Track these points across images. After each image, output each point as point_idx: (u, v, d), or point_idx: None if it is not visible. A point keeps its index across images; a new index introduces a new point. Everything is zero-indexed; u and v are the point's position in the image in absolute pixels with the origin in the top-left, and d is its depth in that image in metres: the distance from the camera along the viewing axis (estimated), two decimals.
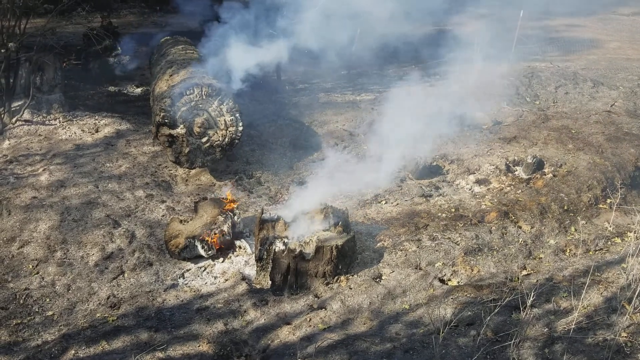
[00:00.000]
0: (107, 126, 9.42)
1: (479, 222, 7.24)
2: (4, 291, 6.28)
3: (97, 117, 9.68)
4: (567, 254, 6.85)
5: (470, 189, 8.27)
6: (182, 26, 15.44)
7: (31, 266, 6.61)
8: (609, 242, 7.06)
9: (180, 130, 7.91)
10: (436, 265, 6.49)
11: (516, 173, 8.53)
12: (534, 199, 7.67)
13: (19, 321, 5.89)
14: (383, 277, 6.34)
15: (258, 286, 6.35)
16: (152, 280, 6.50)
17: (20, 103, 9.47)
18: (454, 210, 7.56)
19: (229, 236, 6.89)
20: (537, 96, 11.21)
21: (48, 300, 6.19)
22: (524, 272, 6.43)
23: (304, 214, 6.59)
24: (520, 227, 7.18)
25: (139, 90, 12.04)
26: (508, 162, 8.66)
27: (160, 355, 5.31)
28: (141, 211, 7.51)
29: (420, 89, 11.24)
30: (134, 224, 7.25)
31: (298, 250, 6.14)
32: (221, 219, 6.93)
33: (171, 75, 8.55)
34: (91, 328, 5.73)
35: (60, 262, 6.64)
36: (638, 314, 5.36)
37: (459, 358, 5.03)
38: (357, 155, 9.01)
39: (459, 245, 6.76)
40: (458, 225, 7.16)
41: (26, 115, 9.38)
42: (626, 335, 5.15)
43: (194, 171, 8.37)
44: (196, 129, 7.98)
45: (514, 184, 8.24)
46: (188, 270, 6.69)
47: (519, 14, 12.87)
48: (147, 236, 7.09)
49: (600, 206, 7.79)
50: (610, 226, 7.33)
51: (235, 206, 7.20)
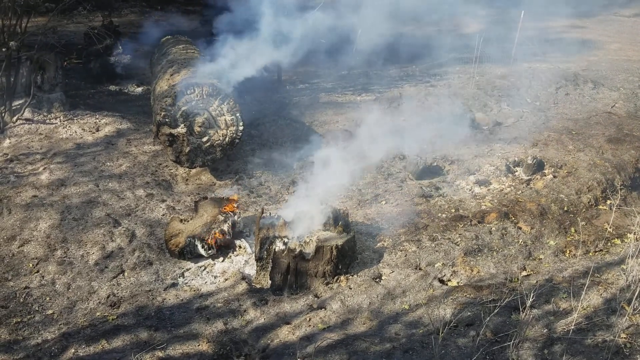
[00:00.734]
0: (108, 125, 9.43)
1: (478, 222, 7.24)
2: (4, 290, 6.28)
3: (97, 116, 9.69)
4: (567, 255, 6.86)
5: (470, 190, 8.27)
6: (182, 25, 15.44)
7: (31, 265, 6.62)
8: (609, 244, 7.07)
9: (181, 129, 7.92)
10: (436, 265, 6.50)
11: (516, 174, 8.54)
12: (534, 200, 7.68)
13: (19, 320, 5.90)
14: (383, 277, 6.35)
15: (258, 286, 6.35)
16: (152, 279, 6.50)
17: (21, 102, 9.48)
18: (454, 210, 7.57)
19: (229, 235, 6.90)
20: (538, 97, 11.21)
21: (48, 298, 6.20)
22: (524, 273, 6.44)
23: (304, 214, 6.60)
24: (520, 228, 7.18)
25: (139, 89, 12.06)
26: (508, 163, 8.67)
27: (160, 354, 5.31)
28: (141, 210, 7.51)
29: (421, 89, 11.26)
30: (134, 223, 7.26)
31: (298, 250, 6.15)
32: (221, 218, 6.94)
33: (172, 75, 8.56)
34: (91, 327, 5.73)
35: (60, 261, 6.65)
36: (637, 315, 5.37)
37: (458, 358, 5.04)
38: (358, 155, 9.01)
39: (458, 245, 6.77)
40: (458, 225, 7.16)
41: (27, 114, 9.39)
42: (625, 336, 5.15)
43: (194, 170, 8.38)
44: (197, 129, 7.99)
45: (514, 184, 8.24)
46: (188, 270, 6.69)
47: (520, 15, 12.88)
48: (147, 235, 7.10)
49: (600, 207, 7.79)
50: (610, 227, 7.33)
51: (236, 206, 7.21)
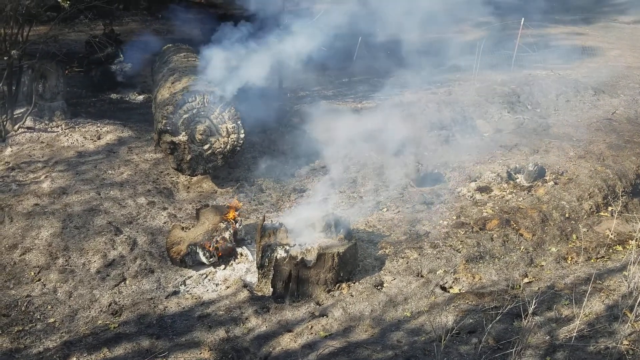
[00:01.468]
0: (109, 133, 9.45)
1: (480, 229, 7.25)
2: (5, 298, 6.29)
3: (99, 124, 9.71)
4: (569, 261, 6.86)
5: (471, 197, 8.27)
6: (184, 34, 15.49)
7: (33, 273, 6.62)
8: (611, 250, 7.07)
9: (182, 137, 7.95)
10: (438, 272, 6.50)
11: (517, 181, 8.55)
12: (535, 207, 7.68)
13: (20, 328, 5.90)
14: (384, 285, 6.35)
15: (259, 293, 6.35)
16: (154, 287, 6.50)
17: (22, 110, 9.50)
18: (455, 217, 7.57)
19: (230, 243, 6.90)
20: (538, 104, 11.23)
21: (50, 307, 6.20)
22: (526, 280, 6.44)
23: (305, 221, 6.61)
24: (522, 235, 7.19)
25: (141, 97, 12.07)
26: (509, 170, 8.68)
27: None
28: (143, 218, 7.52)
29: (422, 96, 11.28)
30: (135, 231, 7.26)
31: (300, 257, 6.15)
32: (223, 226, 6.95)
33: (173, 83, 8.59)
34: (93, 335, 5.74)
35: (62, 269, 6.66)
36: None
37: None
38: (359, 163, 9.03)
39: (460, 252, 6.77)
40: (459, 232, 7.17)
41: (28, 122, 9.40)
42: (628, 343, 5.15)
43: (195, 178, 8.39)
44: (198, 136, 8.01)
45: (515, 191, 8.25)
46: (189, 278, 6.69)
47: (519, 21, 12.93)
48: (148, 243, 7.10)
49: (602, 214, 7.80)
50: (611, 234, 7.33)
51: (237, 213, 7.21)
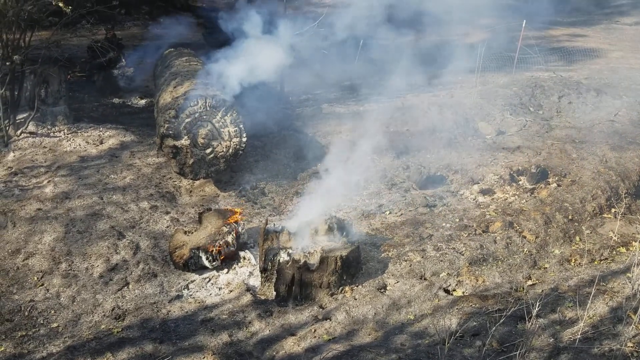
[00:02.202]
0: (112, 138, 9.47)
1: (483, 232, 7.24)
2: (9, 303, 6.30)
3: (101, 128, 9.74)
4: (572, 263, 6.85)
5: (474, 199, 8.27)
6: (185, 38, 15.52)
7: (36, 278, 6.63)
8: (614, 252, 7.06)
9: (185, 141, 7.96)
10: (441, 275, 6.49)
11: (520, 183, 8.55)
12: (538, 209, 7.68)
13: (23, 333, 5.91)
14: (388, 288, 6.34)
15: (262, 297, 6.35)
16: (157, 291, 6.51)
17: (25, 115, 9.54)
18: (458, 220, 7.57)
19: (233, 247, 6.91)
20: (541, 106, 11.23)
21: (53, 312, 6.21)
22: (529, 282, 6.43)
23: (308, 224, 6.61)
24: (525, 237, 7.18)
25: (143, 101, 12.11)
26: (512, 172, 8.68)
27: None
28: (145, 222, 7.53)
29: (424, 99, 11.29)
30: (138, 236, 7.28)
31: (302, 260, 6.15)
32: (225, 229, 6.95)
33: (175, 87, 8.61)
34: (96, 340, 5.74)
35: (65, 274, 6.67)
36: None
37: None
38: (361, 166, 9.02)
39: (463, 255, 6.77)
40: (462, 235, 7.17)
41: (31, 127, 9.43)
42: (632, 345, 5.13)
43: (198, 182, 8.40)
44: (200, 140, 8.03)
45: (518, 193, 8.24)
46: (192, 282, 6.70)
47: (521, 24, 12.93)
48: (151, 247, 7.11)
49: (605, 216, 7.79)
50: (615, 236, 7.32)
51: (240, 217, 7.22)
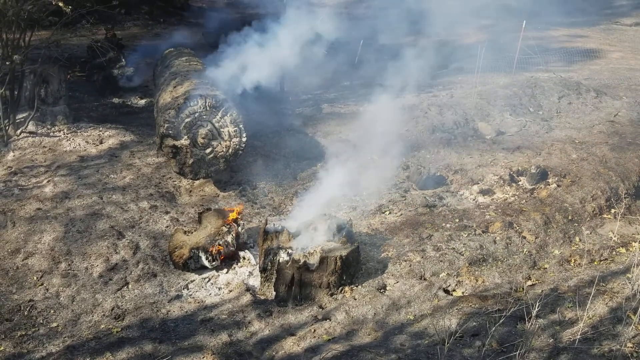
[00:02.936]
0: (111, 137, 9.47)
1: (483, 232, 7.25)
2: (8, 303, 6.30)
3: (101, 128, 9.74)
4: (572, 264, 6.85)
5: (474, 199, 8.27)
6: (185, 38, 15.53)
7: (35, 278, 6.63)
8: (614, 252, 7.06)
9: (184, 141, 7.96)
10: (440, 275, 6.50)
11: (520, 183, 8.55)
12: (538, 209, 7.68)
13: (23, 333, 5.91)
14: (387, 288, 6.34)
15: (262, 297, 6.35)
16: (156, 291, 6.51)
17: (24, 115, 9.54)
18: (457, 220, 7.57)
19: (233, 247, 6.91)
20: (540, 106, 11.23)
21: (52, 311, 6.20)
22: (529, 283, 6.43)
23: (307, 224, 6.61)
24: (525, 237, 7.18)
25: (143, 101, 12.11)
26: (512, 173, 8.68)
27: None
28: (145, 222, 7.53)
29: (423, 99, 11.30)
30: (138, 235, 7.27)
31: (302, 260, 6.15)
32: (225, 229, 6.95)
33: (175, 87, 8.61)
34: (95, 339, 5.74)
35: (64, 274, 6.67)
36: None
37: None
38: (361, 166, 9.02)
39: (463, 255, 6.77)
40: (462, 235, 7.17)
41: (31, 127, 9.43)
42: (632, 345, 5.13)
43: (197, 182, 8.40)
44: (200, 140, 8.02)
45: (518, 194, 8.25)
46: (192, 282, 6.70)
47: (521, 24, 12.93)
48: (151, 247, 7.11)
49: (605, 216, 7.79)
50: (614, 236, 7.33)
51: (239, 217, 7.22)
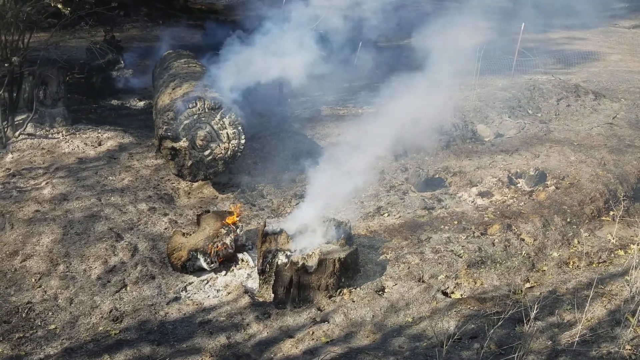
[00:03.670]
0: (110, 139, 9.47)
1: (481, 234, 7.25)
2: (6, 305, 6.28)
3: (100, 130, 9.73)
4: (571, 266, 6.86)
5: (472, 202, 8.28)
6: (184, 40, 15.54)
7: (34, 280, 6.62)
8: (612, 255, 7.07)
9: (183, 143, 7.95)
10: (439, 277, 6.49)
11: (518, 185, 8.55)
12: (536, 211, 7.68)
13: (21, 335, 5.90)
14: (386, 290, 6.34)
15: (261, 299, 6.35)
16: (155, 293, 6.50)
17: (23, 117, 9.54)
18: (456, 222, 7.57)
19: (231, 249, 6.90)
20: (539, 109, 11.24)
21: (50, 313, 6.19)
22: (527, 285, 6.43)
23: (306, 226, 6.61)
24: (523, 240, 7.19)
25: (141, 103, 12.10)
26: (510, 175, 8.68)
27: None
28: (144, 224, 7.52)
29: (422, 101, 11.29)
30: (136, 237, 7.27)
31: (301, 263, 6.14)
32: (224, 231, 6.95)
33: (174, 89, 8.61)
34: (94, 342, 5.73)
35: (62, 276, 6.65)
36: None
37: None
38: (360, 168, 9.01)
39: (461, 257, 6.77)
40: (460, 237, 7.17)
41: (29, 128, 9.43)
42: (630, 348, 5.13)
43: (196, 184, 8.40)
44: (199, 142, 8.02)
45: (516, 196, 8.25)
46: (190, 284, 6.69)
47: (520, 26, 12.96)
48: (149, 249, 7.10)
49: (603, 218, 7.79)
50: (613, 238, 7.33)
51: (238, 219, 7.21)
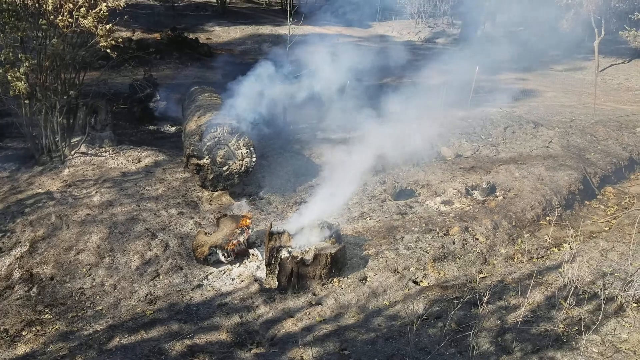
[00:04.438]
0: (148, 157, 9.45)
1: (444, 235, 7.26)
2: (63, 290, 6.26)
3: (139, 150, 9.71)
4: (515, 260, 6.87)
5: (437, 208, 8.29)
6: (207, 78, 15.59)
7: (85, 270, 6.59)
8: (548, 252, 7.09)
9: (206, 160, 7.96)
10: (410, 269, 6.50)
11: (474, 196, 8.58)
12: (488, 217, 7.70)
13: (74, 314, 5.87)
14: (368, 279, 6.34)
15: (267, 286, 6.33)
16: (182, 281, 6.48)
17: (78, 139, 9.52)
18: (424, 225, 7.58)
19: (244, 246, 6.89)
20: (490, 135, 11.29)
21: (98, 297, 6.17)
22: (481, 276, 6.44)
23: (304, 227, 6.61)
24: (478, 239, 7.20)
25: (173, 129, 12.09)
26: (467, 187, 8.71)
27: (188, 342, 5.28)
28: (174, 225, 7.50)
29: (398, 128, 11.33)
30: (167, 236, 7.24)
31: (300, 257, 6.15)
32: (238, 231, 6.94)
33: (199, 117, 8.63)
34: (132, 320, 5.71)
35: (108, 267, 6.63)
36: (572, 309, 5.37)
37: (429, 344, 5.02)
38: (347, 181, 9.02)
39: (428, 253, 6.78)
40: (428, 237, 7.17)
41: (83, 148, 9.41)
42: (563, 326, 5.15)
43: (216, 193, 8.38)
44: (219, 160, 8.03)
45: (472, 204, 8.27)
46: (211, 274, 6.67)
47: (475, 69, 13.05)
48: (178, 246, 7.08)
49: (541, 222, 7.82)
50: (549, 238, 7.36)
51: (250, 221, 7.21)
